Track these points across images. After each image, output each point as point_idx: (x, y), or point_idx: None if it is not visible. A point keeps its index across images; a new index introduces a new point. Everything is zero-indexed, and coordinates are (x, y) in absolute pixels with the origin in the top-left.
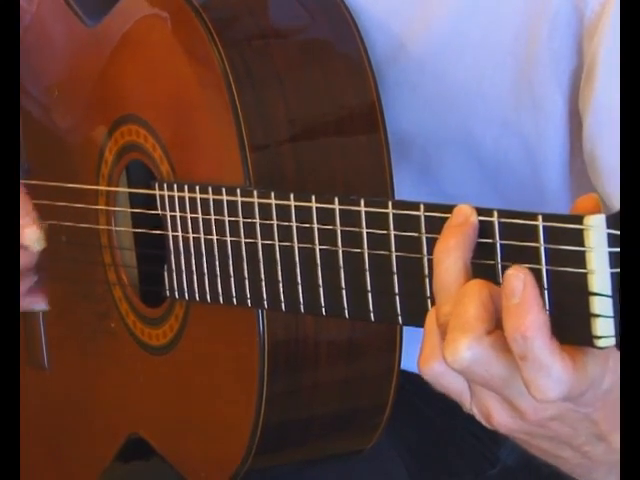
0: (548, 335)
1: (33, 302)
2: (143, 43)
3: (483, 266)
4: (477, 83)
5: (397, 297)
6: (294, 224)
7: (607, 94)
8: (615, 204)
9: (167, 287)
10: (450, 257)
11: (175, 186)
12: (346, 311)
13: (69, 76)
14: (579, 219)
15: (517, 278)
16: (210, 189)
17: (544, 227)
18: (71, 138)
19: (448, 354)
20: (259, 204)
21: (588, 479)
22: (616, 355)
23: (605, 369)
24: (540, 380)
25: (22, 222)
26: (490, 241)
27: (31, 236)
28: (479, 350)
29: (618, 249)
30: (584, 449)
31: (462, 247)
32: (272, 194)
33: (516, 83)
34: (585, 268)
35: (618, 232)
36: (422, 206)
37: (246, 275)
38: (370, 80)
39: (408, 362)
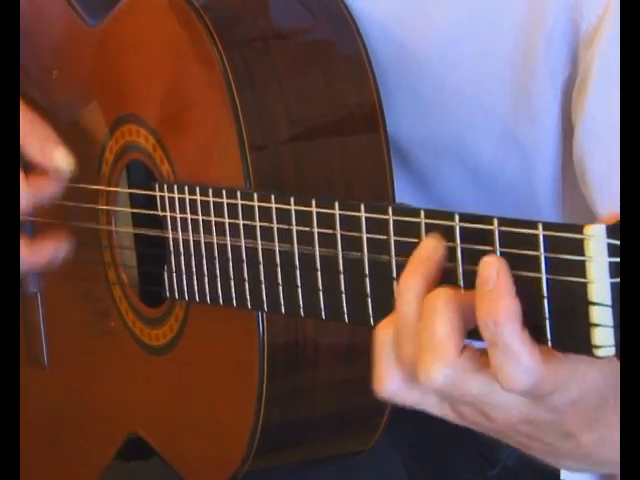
0: (519, 323)
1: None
2: (144, 43)
3: None
4: (475, 93)
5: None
6: (294, 227)
7: (599, 105)
8: (603, 213)
9: (167, 287)
10: (412, 292)
11: (175, 187)
12: (346, 315)
13: (70, 75)
14: (579, 228)
15: (491, 266)
16: (210, 191)
17: (544, 236)
18: (71, 137)
19: (422, 378)
20: (259, 206)
21: (557, 465)
22: (588, 366)
23: (574, 375)
24: (508, 367)
25: (47, 145)
26: (490, 249)
27: (60, 156)
28: (453, 372)
29: (618, 259)
30: (555, 445)
31: (425, 282)
32: (272, 197)
33: (514, 94)
34: (585, 277)
35: (618, 242)
36: (422, 212)
37: (246, 277)
38: (371, 81)
39: None
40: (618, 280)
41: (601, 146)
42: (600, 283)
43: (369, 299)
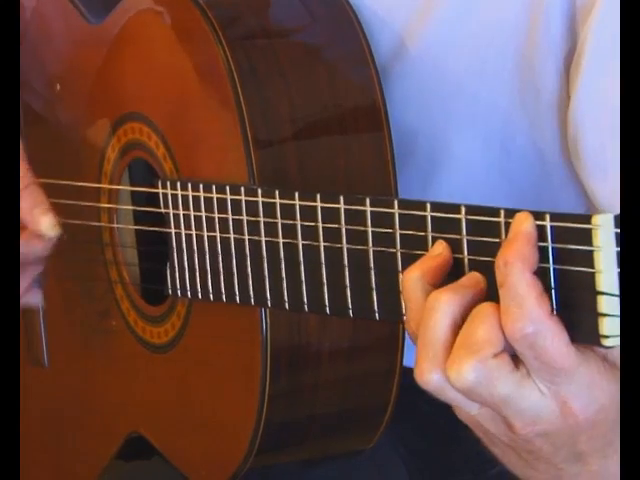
0: (529, 268)
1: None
2: (147, 40)
3: (491, 264)
4: (480, 70)
5: (401, 295)
6: (298, 222)
7: (593, 80)
8: (594, 186)
9: (169, 285)
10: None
11: (178, 184)
12: (350, 310)
13: (72, 73)
14: (587, 218)
15: (518, 219)
16: (214, 187)
17: (552, 227)
18: (74, 135)
19: (452, 373)
20: (263, 202)
21: None
22: (609, 375)
23: (594, 375)
24: (512, 308)
25: (36, 211)
26: (497, 240)
27: (46, 223)
28: (484, 372)
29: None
30: (560, 466)
31: (457, 303)
32: (276, 193)
33: (518, 70)
34: (593, 267)
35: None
36: (428, 205)
37: (250, 273)
38: (374, 78)
39: (410, 359)
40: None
41: (595, 120)
42: (608, 273)
43: (374, 292)
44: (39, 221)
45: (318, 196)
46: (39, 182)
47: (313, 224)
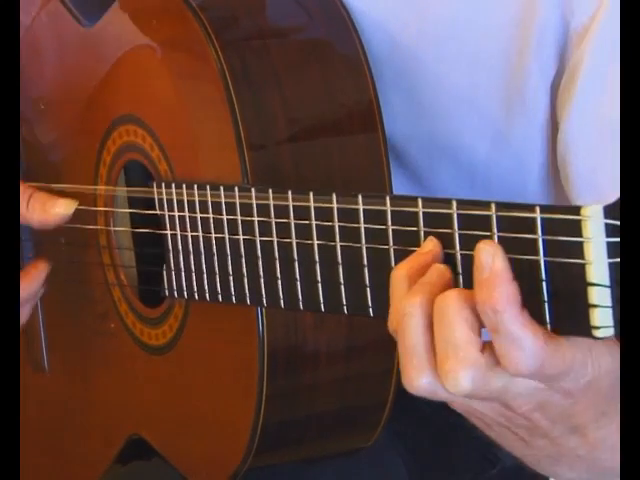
0: (518, 308)
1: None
2: (140, 43)
3: None
4: (471, 91)
5: None
6: (292, 221)
7: (587, 102)
8: None
9: (166, 286)
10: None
11: (173, 185)
12: (345, 307)
13: (66, 76)
14: (576, 210)
15: (486, 252)
16: (208, 188)
17: (542, 219)
18: (69, 138)
19: (450, 385)
20: (257, 202)
21: (550, 472)
22: (600, 349)
23: (586, 357)
24: (512, 352)
25: (48, 204)
26: (488, 234)
27: (61, 203)
28: (479, 375)
29: (616, 239)
30: (558, 441)
31: (413, 279)
32: (270, 192)
33: (508, 92)
34: (583, 259)
35: (615, 222)
36: (420, 201)
37: (245, 273)
38: (368, 79)
39: None
40: (616, 260)
41: (586, 142)
42: (598, 263)
43: (368, 289)
44: (54, 206)
45: (311, 195)
46: (36, 186)
47: (307, 222)
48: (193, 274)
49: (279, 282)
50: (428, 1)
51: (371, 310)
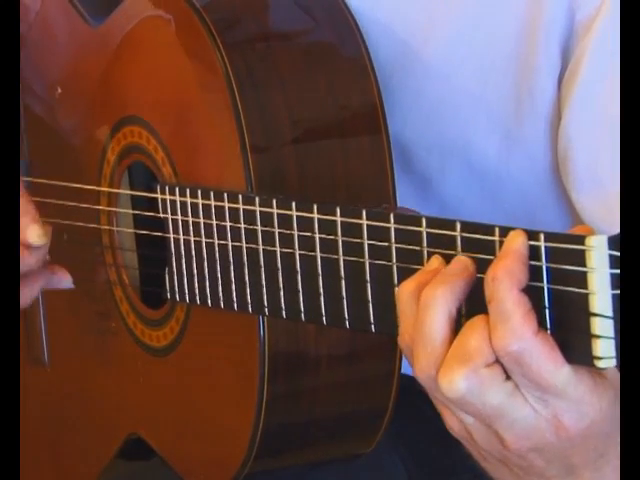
0: (517, 285)
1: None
2: (145, 44)
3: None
4: (480, 90)
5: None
6: (295, 232)
7: (590, 95)
8: (584, 202)
9: (168, 289)
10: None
11: (177, 189)
12: (347, 322)
13: (72, 75)
14: (581, 239)
15: (514, 234)
16: (212, 194)
17: (546, 247)
18: (73, 137)
19: (444, 382)
20: (261, 211)
21: None
22: (606, 390)
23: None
24: (498, 324)
25: (22, 221)
26: (491, 257)
27: (32, 233)
28: (475, 381)
29: (619, 270)
30: None
31: (450, 297)
32: (274, 202)
33: (517, 91)
34: (586, 288)
35: (619, 253)
36: (424, 220)
37: (247, 281)
38: (372, 83)
39: (408, 367)
40: (619, 292)
41: (588, 135)
42: (602, 294)
43: (370, 305)
44: (25, 233)
45: (315, 207)
46: (26, 193)
47: (310, 234)
48: (195, 279)
49: (281, 293)
50: (436, 2)
51: (373, 326)
